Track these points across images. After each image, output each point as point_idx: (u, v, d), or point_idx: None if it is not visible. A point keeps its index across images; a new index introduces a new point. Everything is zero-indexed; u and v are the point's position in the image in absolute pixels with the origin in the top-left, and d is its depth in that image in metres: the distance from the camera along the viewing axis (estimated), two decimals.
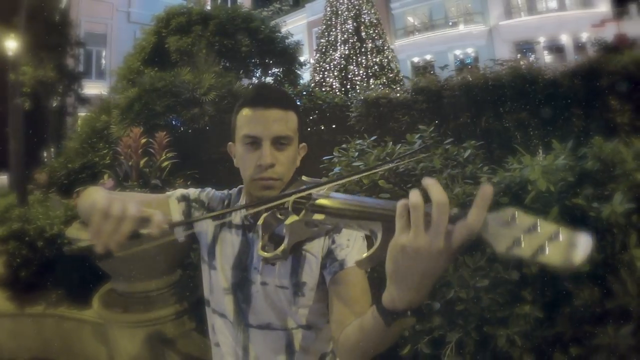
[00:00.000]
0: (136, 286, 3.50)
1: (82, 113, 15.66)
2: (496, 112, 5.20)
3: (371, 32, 13.16)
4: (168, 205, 1.47)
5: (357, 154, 3.45)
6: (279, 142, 1.31)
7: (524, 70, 4.97)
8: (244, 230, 1.45)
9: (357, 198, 1.01)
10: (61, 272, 4.41)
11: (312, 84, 12.37)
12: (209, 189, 1.57)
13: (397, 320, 0.87)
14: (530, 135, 5.05)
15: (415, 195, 0.76)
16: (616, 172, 2.18)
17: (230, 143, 1.44)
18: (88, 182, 4.95)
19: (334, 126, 7.11)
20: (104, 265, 3.47)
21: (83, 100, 18.35)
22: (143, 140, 3.79)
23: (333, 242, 1.34)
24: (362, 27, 13.07)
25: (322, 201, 1.06)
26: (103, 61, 25.30)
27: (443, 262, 0.76)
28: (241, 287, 1.42)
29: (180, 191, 1.53)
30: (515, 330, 1.81)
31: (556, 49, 25.18)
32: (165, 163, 3.83)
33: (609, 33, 20.58)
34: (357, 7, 13.21)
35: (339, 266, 1.29)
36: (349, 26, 13.01)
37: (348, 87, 12.65)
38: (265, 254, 1.16)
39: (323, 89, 12.02)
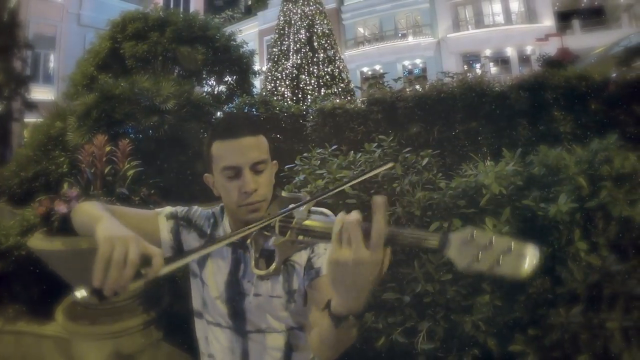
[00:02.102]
0: None
1: (30, 119, 15.08)
2: (448, 122, 5.47)
3: (323, 42, 13.42)
4: (157, 223, 1.56)
5: (318, 162, 3.61)
6: (257, 167, 1.39)
7: (473, 83, 5.29)
8: (233, 248, 1.51)
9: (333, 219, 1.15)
10: (19, 285, 4.22)
11: (264, 93, 12.52)
12: (195, 207, 1.65)
13: (344, 323, 1.03)
14: (480, 144, 5.35)
15: (352, 215, 0.98)
16: (560, 176, 2.44)
17: (206, 175, 1.50)
18: (43, 191, 4.84)
19: (290, 135, 7.24)
20: (67, 277, 3.42)
21: (30, 106, 17.47)
22: (107, 149, 3.74)
23: (312, 251, 1.44)
24: (314, 37, 13.31)
25: (306, 223, 1.21)
26: (51, 65, 24.20)
27: (369, 273, 0.95)
28: (235, 299, 1.49)
29: (168, 209, 1.61)
30: (479, 317, 2.04)
31: (502, 60, 26.28)
32: (130, 172, 3.80)
33: (553, 47, 21.67)
34: (310, 18, 13.46)
35: (315, 274, 1.39)
36: (301, 36, 13.24)
37: (300, 96, 12.85)
38: (260, 272, 1.29)
39: (275, 98, 12.19)
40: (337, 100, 6.98)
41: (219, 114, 7.37)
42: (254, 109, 7.43)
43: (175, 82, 5.96)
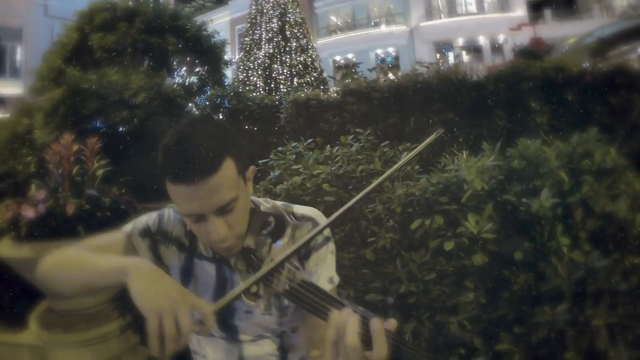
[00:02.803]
0: (75, 303, 3.32)
1: None
2: (424, 113, 5.47)
3: (296, 31, 13.32)
4: (133, 245, 1.38)
5: (294, 156, 3.57)
6: (225, 209, 1.16)
7: (450, 73, 5.29)
8: (217, 264, 1.39)
9: (326, 297, 1.10)
10: None
11: (236, 83, 12.39)
12: (167, 213, 1.44)
13: None
14: (457, 135, 5.37)
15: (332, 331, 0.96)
16: (541, 170, 2.44)
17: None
18: (11, 192, 4.69)
19: (264, 127, 7.17)
20: (37, 284, 3.35)
21: None
22: (75, 148, 3.61)
23: (303, 268, 1.37)
24: (287, 26, 13.20)
25: (298, 289, 1.13)
26: (18, 58, 23.26)
27: None
28: (224, 316, 1.40)
29: (139, 224, 1.41)
30: (464, 316, 2.03)
31: (474, 49, 26.50)
32: (99, 171, 3.68)
33: (525, 36, 21.94)
34: (282, 6, 13.32)
35: None
36: (274, 25, 13.10)
37: (272, 86, 12.76)
38: (251, 302, 1.15)
39: (247, 88, 12.08)
40: (311, 91, 6.93)
41: (190, 105, 7.26)
42: (226, 101, 7.34)
43: (145, 74, 5.84)
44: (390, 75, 6.48)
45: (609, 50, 12.54)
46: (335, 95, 6.38)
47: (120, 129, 5.32)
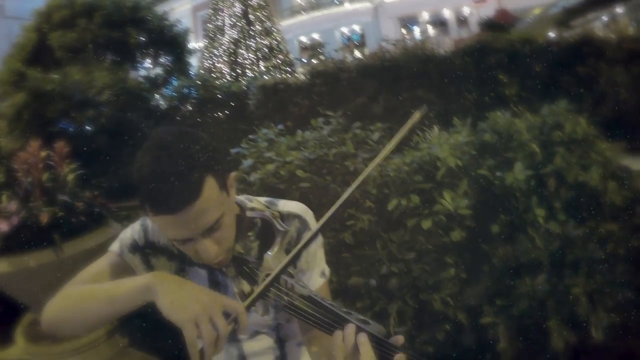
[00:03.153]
0: None
1: None
2: (393, 91, 5.50)
3: (259, 14, 13.19)
4: (127, 264, 1.33)
5: (266, 144, 3.54)
6: (212, 229, 1.12)
7: (416, 49, 5.32)
8: (208, 270, 1.36)
9: (325, 309, 1.08)
10: None
11: (201, 71, 12.23)
12: (149, 223, 1.38)
13: None
14: (427, 111, 5.41)
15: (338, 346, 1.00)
16: (513, 143, 2.47)
17: None
18: None
19: (233, 115, 7.13)
20: (20, 299, 3.31)
21: None
22: (43, 154, 3.49)
23: (294, 267, 1.33)
24: (249, 10, 13.05)
25: (296, 303, 1.12)
26: None
27: None
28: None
29: (126, 240, 1.36)
30: (446, 293, 2.06)
31: (440, 23, 26.52)
32: (70, 176, 3.59)
33: (490, 8, 22.01)
34: None
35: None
36: (236, 9, 12.94)
37: (238, 71, 12.64)
38: (245, 304, 1.10)
39: (213, 75, 11.95)
40: (279, 75, 6.90)
41: (156, 97, 7.17)
42: (192, 91, 7.25)
43: (108, 70, 5.74)
44: (357, 53, 6.48)
45: (574, 19, 12.69)
46: (303, 77, 6.37)
47: (88, 128, 5.23)
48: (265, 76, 11.08)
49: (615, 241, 2.05)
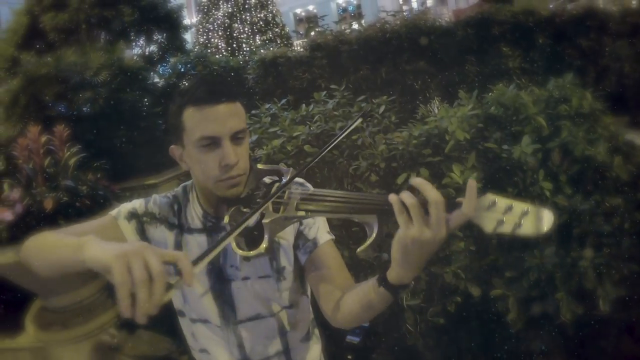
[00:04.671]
0: (67, 298, 3.29)
1: None
2: (395, 63, 5.51)
3: None
4: (119, 228, 1.40)
5: (269, 119, 3.57)
6: (237, 137, 1.28)
7: (418, 20, 5.31)
8: (207, 233, 1.43)
9: (341, 193, 1.15)
10: None
11: (197, 47, 12.15)
12: (153, 197, 1.50)
13: (403, 290, 1.09)
14: (429, 83, 5.43)
15: (409, 197, 0.96)
16: (520, 116, 2.51)
17: (173, 146, 1.38)
18: None
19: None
20: (29, 288, 3.34)
21: None
22: (43, 139, 3.51)
23: (301, 223, 1.42)
24: None
25: (310, 206, 1.18)
26: None
27: (440, 243, 0.97)
28: (220, 288, 1.44)
29: (125, 208, 1.45)
30: (457, 266, 2.12)
31: None
32: (72, 159, 3.59)
33: None
34: None
35: (312, 245, 1.40)
36: None
37: (234, 46, 12.56)
38: (249, 253, 1.18)
39: (208, 50, 11.87)
40: (277, 49, 6.88)
41: (151, 74, 7.14)
42: (189, 67, 7.24)
43: (103, 50, 5.69)
44: (355, 25, 6.46)
45: None
46: (302, 50, 6.36)
47: (86, 110, 5.20)
48: (262, 50, 11.04)
49: (621, 215, 2.10)
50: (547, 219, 0.90)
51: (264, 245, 1.16)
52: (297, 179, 1.39)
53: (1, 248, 3.08)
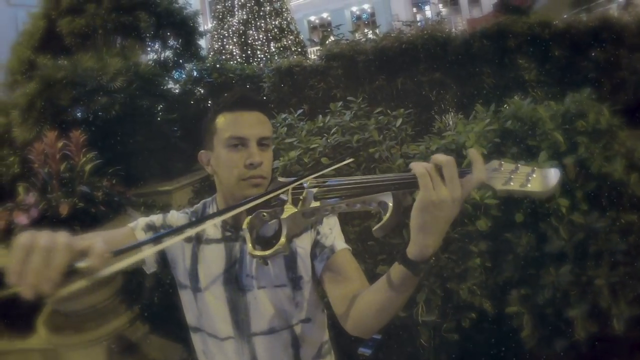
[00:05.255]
0: (80, 302, 3.31)
1: None
2: (410, 74, 5.53)
3: None
4: (135, 239, 1.43)
5: (285, 129, 3.60)
6: (263, 143, 1.41)
7: (435, 32, 5.34)
8: (225, 243, 1.48)
9: (354, 177, 1.18)
10: None
11: (211, 53, 12.25)
12: (172, 212, 1.58)
13: (423, 267, 1.08)
14: (444, 94, 5.44)
15: (426, 163, 1.01)
16: (536, 131, 2.53)
17: (202, 151, 1.48)
18: None
19: None
20: None
21: None
22: (60, 144, 3.54)
23: (318, 233, 1.46)
24: None
25: (327, 195, 1.19)
26: None
27: (457, 208, 1.01)
28: (236, 299, 1.46)
29: (143, 221, 1.52)
30: (473, 282, 2.15)
31: (451, 2, 26.25)
32: (89, 166, 3.62)
33: None
34: None
35: (329, 251, 1.42)
36: None
37: (249, 52, 12.65)
38: (265, 252, 1.18)
39: (223, 57, 11.96)
40: (293, 58, 6.92)
41: (167, 79, 7.22)
42: (206, 75, 7.31)
43: (120, 56, 5.77)
44: (369, 33, 6.46)
45: (590, 1, 12.53)
46: (318, 60, 6.39)
47: (101, 115, 5.25)
48: (276, 57, 11.07)
49: (636, 233, 2.11)
50: (553, 176, 0.92)
51: (282, 240, 1.18)
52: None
53: None
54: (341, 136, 3.17)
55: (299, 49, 13.06)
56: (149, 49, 8.04)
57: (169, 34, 8.09)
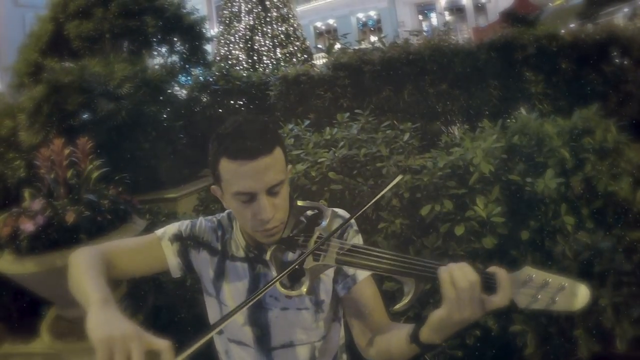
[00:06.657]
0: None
1: None
2: (417, 85, 5.56)
3: (275, 0, 13.20)
4: (161, 249, 1.47)
5: (292, 140, 3.63)
6: (274, 190, 1.27)
7: (442, 43, 5.38)
8: (250, 263, 1.47)
9: (382, 253, 1.18)
10: None
11: (218, 58, 12.31)
12: (199, 220, 1.56)
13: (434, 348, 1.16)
14: (451, 106, 5.48)
15: (462, 279, 1.05)
16: (544, 148, 2.57)
17: (213, 187, 1.40)
18: (1, 197, 4.59)
19: (253, 105, 7.22)
20: (46, 296, 3.39)
21: None
22: (67, 151, 3.52)
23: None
24: None
25: (350, 259, 1.21)
26: None
27: (475, 320, 1.08)
28: (258, 316, 1.47)
29: (171, 230, 1.51)
30: None
31: (456, 9, 26.35)
32: (95, 173, 3.62)
33: None
34: None
35: (352, 281, 1.42)
36: None
37: (255, 58, 12.70)
38: (291, 292, 1.20)
39: (229, 62, 12.02)
40: (300, 67, 6.95)
41: (173, 84, 7.26)
42: (212, 81, 7.35)
43: (127, 61, 5.81)
44: (375, 40, 6.46)
45: (596, 11, 12.56)
46: (324, 68, 6.41)
47: (108, 121, 5.27)
48: (282, 63, 11.11)
49: None
50: (582, 295, 0.93)
51: (304, 288, 1.20)
52: (338, 211, 1.48)
53: (20, 258, 3.14)
54: (348, 150, 3.21)
55: (305, 56, 13.11)
56: (155, 53, 8.10)
57: (175, 39, 8.15)
